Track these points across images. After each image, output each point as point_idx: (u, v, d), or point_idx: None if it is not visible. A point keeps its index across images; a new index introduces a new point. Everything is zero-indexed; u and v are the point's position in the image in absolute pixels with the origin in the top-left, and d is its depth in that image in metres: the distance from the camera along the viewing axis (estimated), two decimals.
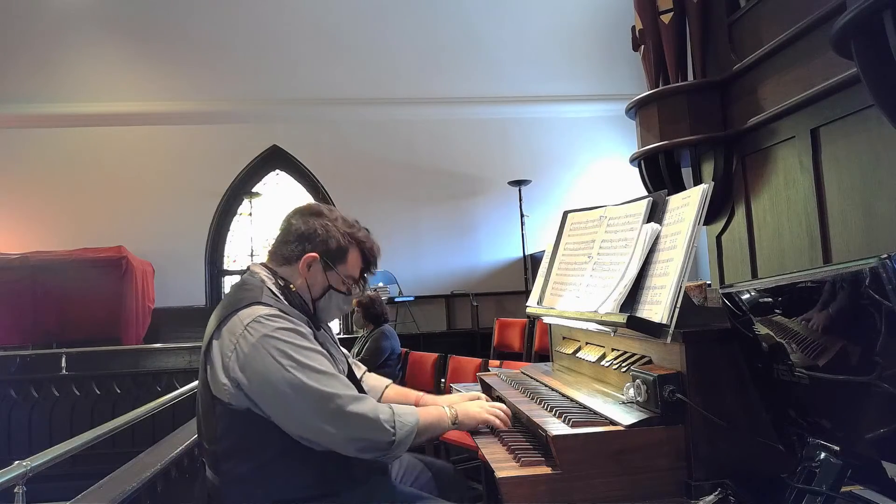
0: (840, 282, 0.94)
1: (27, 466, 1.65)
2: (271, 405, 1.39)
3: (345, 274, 1.59)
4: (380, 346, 4.34)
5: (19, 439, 5.24)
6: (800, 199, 2.30)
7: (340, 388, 1.40)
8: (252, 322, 1.40)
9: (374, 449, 1.41)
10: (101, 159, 7.51)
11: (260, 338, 1.38)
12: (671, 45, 2.87)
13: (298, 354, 1.39)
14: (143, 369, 5.82)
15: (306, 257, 1.55)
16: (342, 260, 1.58)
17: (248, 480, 1.41)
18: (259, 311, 1.42)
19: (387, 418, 1.41)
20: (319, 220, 1.58)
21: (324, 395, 1.37)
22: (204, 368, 1.46)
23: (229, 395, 1.39)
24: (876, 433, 0.95)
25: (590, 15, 7.52)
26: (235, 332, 1.41)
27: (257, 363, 1.37)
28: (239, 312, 1.43)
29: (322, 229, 1.56)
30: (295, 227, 1.59)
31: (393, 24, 7.56)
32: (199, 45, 7.44)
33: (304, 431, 1.39)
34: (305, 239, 1.56)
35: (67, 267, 6.55)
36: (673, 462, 1.29)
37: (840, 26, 1.49)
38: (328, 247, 1.56)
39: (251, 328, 1.39)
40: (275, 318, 1.42)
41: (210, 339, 1.46)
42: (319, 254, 1.55)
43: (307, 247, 1.55)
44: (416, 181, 7.74)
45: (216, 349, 1.43)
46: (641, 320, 1.37)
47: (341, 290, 1.60)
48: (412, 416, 1.47)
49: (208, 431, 1.46)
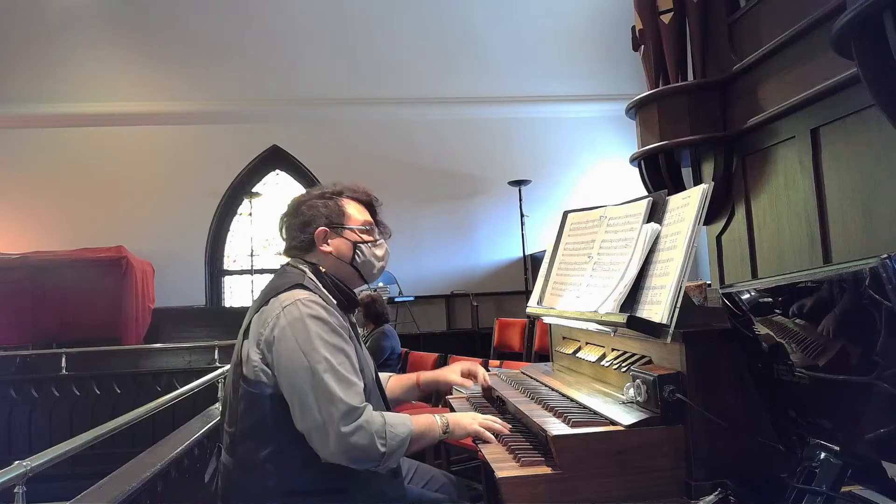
0: (840, 282, 0.94)
1: (27, 466, 1.64)
2: (285, 390, 1.43)
3: (357, 225, 1.67)
4: (380, 345, 4.35)
5: (19, 439, 5.23)
6: (800, 199, 2.30)
7: (347, 394, 1.41)
8: (290, 304, 1.46)
9: (365, 460, 1.42)
10: (101, 159, 7.52)
11: (291, 321, 1.44)
12: (671, 45, 2.87)
13: (322, 347, 1.42)
14: (143, 369, 5.82)
15: (318, 233, 1.63)
16: (343, 216, 1.66)
17: (261, 467, 1.43)
18: (299, 295, 1.48)
19: (378, 429, 1.42)
20: (304, 206, 1.67)
21: (329, 393, 1.39)
22: (240, 347, 1.52)
23: (258, 373, 1.44)
24: (876, 433, 0.95)
25: (590, 15, 7.52)
26: (274, 311, 1.47)
27: (283, 346, 1.43)
28: (280, 295, 1.49)
29: (310, 209, 1.65)
30: (291, 222, 1.68)
31: (393, 25, 7.57)
32: (200, 45, 7.44)
33: (303, 426, 1.41)
34: (306, 224, 1.64)
35: (67, 267, 6.55)
36: (673, 462, 1.28)
37: (840, 26, 1.49)
38: (324, 215, 1.64)
39: (287, 310, 1.46)
40: (311, 304, 1.47)
41: (251, 317, 1.52)
42: (324, 225, 1.63)
43: (313, 227, 1.63)
44: (416, 181, 7.74)
45: (254, 326, 1.49)
46: (641, 320, 1.37)
47: (366, 239, 1.67)
48: (404, 427, 1.48)
49: (230, 412, 1.51)
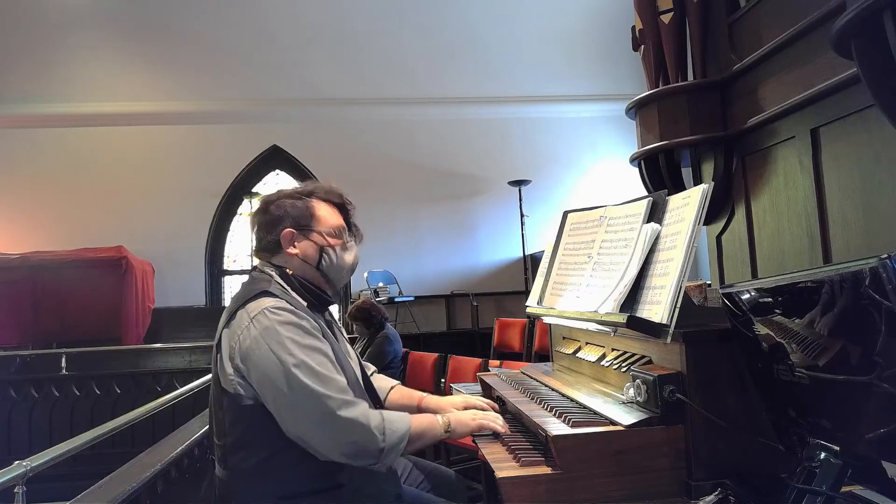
0: (840, 282, 0.94)
1: (27, 466, 1.65)
2: (268, 399, 1.40)
3: (325, 228, 1.62)
4: (383, 350, 4.31)
5: (19, 439, 5.24)
6: (800, 199, 2.30)
7: (333, 391, 1.39)
8: (258, 314, 1.43)
9: (364, 455, 1.40)
10: (101, 159, 7.52)
11: (262, 330, 1.41)
12: (671, 45, 2.87)
13: (298, 350, 1.40)
14: (143, 369, 5.82)
15: (283, 234, 1.58)
16: (312, 217, 1.61)
17: (255, 474, 1.42)
18: (266, 303, 1.45)
19: (377, 424, 1.41)
20: (273, 205, 1.62)
21: (316, 394, 1.37)
22: (215, 361, 1.49)
23: (235, 386, 1.42)
24: (876, 433, 0.95)
25: (590, 15, 7.52)
26: (242, 323, 1.44)
27: (257, 356, 1.40)
28: (248, 304, 1.47)
29: (278, 209, 1.61)
30: (260, 221, 1.63)
31: (393, 25, 7.57)
32: (200, 45, 7.44)
33: (296, 430, 1.40)
34: (273, 225, 1.60)
35: (67, 267, 6.56)
36: (673, 462, 1.28)
37: (840, 26, 1.49)
38: (292, 216, 1.60)
39: (256, 320, 1.43)
40: (280, 311, 1.44)
41: (221, 330, 1.49)
42: (291, 227, 1.59)
43: (279, 229, 1.59)
44: (416, 181, 7.74)
45: (225, 340, 1.46)
46: (641, 320, 1.37)
47: (333, 243, 1.62)
48: (403, 423, 1.46)
49: (218, 426, 1.49)
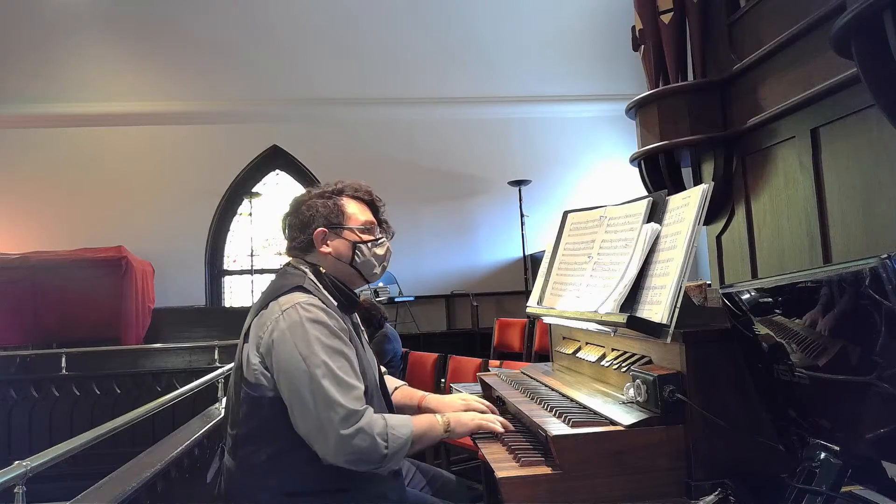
0: (840, 282, 0.93)
1: (27, 466, 1.64)
2: (284, 394, 1.43)
3: (356, 225, 1.65)
4: (383, 349, 4.32)
5: (19, 439, 5.23)
6: (800, 199, 2.30)
7: (347, 400, 1.40)
8: (290, 308, 1.46)
9: (367, 462, 1.42)
10: (101, 159, 7.52)
11: (291, 324, 1.43)
12: (671, 45, 2.87)
13: (321, 351, 1.42)
14: (143, 369, 5.82)
15: (316, 234, 1.61)
16: (343, 215, 1.64)
17: (263, 469, 1.44)
18: (298, 298, 1.47)
19: (380, 431, 1.42)
20: (304, 206, 1.65)
21: (329, 400, 1.38)
22: (240, 350, 1.51)
23: (258, 376, 1.44)
24: (876, 433, 0.95)
25: (590, 15, 7.52)
26: (273, 314, 1.46)
27: (281, 349, 1.42)
28: (280, 298, 1.49)
29: (309, 209, 1.64)
30: (292, 222, 1.67)
31: (393, 25, 7.57)
32: (200, 45, 7.44)
33: (304, 429, 1.41)
34: (305, 225, 1.63)
35: (67, 267, 6.55)
36: (673, 462, 1.28)
37: (840, 26, 1.49)
38: (323, 215, 1.63)
39: (287, 314, 1.45)
40: (310, 308, 1.46)
41: (250, 321, 1.52)
42: (323, 226, 1.62)
43: (311, 228, 1.62)
44: (416, 181, 7.74)
45: (254, 330, 1.49)
46: (641, 320, 1.37)
47: (365, 239, 1.65)
48: (406, 428, 1.47)
49: (233, 415, 1.51)
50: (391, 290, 7.11)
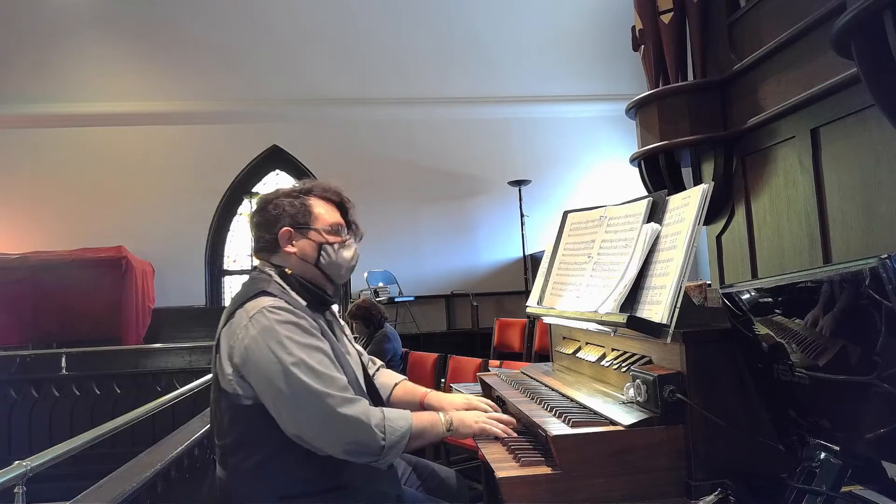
0: (840, 282, 0.93)
1: (27, 466, 1.65)
2: (268, 399, 1.40)
3: (323, 225, 1.62)
4: (382, 348, 4.33)
5: (19, 439, 5.24)
6: (800, 199, 2.30)
7: (333, 389, 1.39)
8: (256, 314, 1.43)
9: (365, 453, 1.41)
10: (101, 159, 7.52)
11: (261, 329, 1.41)
12: (671, 45, 2.87)
13: (297, 349, 1.40)
14: (143, 369, 5.82)
15: (282, 233, 1.59)
16: (310, 216, 1.62)
17: (254, 475, 1.42)
18: (264, 302, 1.45)
19: (377, 422, 1.41)
20: (270, 205, 1.63)
21: (315, 393, 1.37)
22: (214, 361, 1.49)
23: (234, 386, 1.42)
24: (876, 433, 0.95)
25: (590, 15, 7.52)
26: (241, 322, 1.44)
27: (256, 355, 1.40)
28: (246, 304, 1.47)
29: (275, 208, 1.61)
30: (258, 221, 1.64)
31: (393, 25, 7.57)
32: (200, 45, 7.44)
33: (296, 429, 1.40)
34: (271, 224, 1.61)
35: (67, 267, 6.56)
36: (673, 462, 1.28)
37: (840, 26, 1.49)
38: (290, 214, 1.60)
39: (255, 320, 1.43)
40: (278, 311, 1.44)
41: (220, 330, 1.50)
42: (289, 225, 1.60)
43: (276, 228, 1.60)
44: (416, 181, 7.74)
45: (224, 340, 1.47)
46: (641, 320, 1.37)
47: (332, 241, 1.62)
48: (404, 420, 1.46)
49: (217, 426, 1.49)
50: (391, 290, 7.11)
